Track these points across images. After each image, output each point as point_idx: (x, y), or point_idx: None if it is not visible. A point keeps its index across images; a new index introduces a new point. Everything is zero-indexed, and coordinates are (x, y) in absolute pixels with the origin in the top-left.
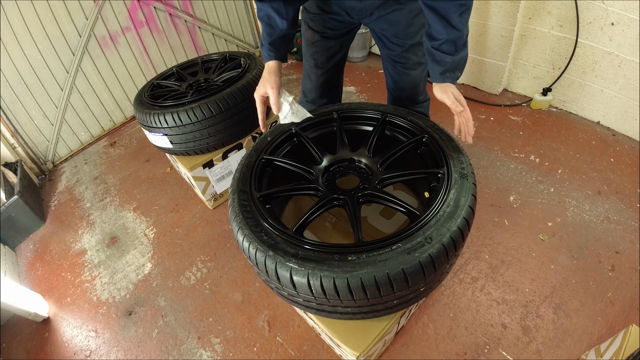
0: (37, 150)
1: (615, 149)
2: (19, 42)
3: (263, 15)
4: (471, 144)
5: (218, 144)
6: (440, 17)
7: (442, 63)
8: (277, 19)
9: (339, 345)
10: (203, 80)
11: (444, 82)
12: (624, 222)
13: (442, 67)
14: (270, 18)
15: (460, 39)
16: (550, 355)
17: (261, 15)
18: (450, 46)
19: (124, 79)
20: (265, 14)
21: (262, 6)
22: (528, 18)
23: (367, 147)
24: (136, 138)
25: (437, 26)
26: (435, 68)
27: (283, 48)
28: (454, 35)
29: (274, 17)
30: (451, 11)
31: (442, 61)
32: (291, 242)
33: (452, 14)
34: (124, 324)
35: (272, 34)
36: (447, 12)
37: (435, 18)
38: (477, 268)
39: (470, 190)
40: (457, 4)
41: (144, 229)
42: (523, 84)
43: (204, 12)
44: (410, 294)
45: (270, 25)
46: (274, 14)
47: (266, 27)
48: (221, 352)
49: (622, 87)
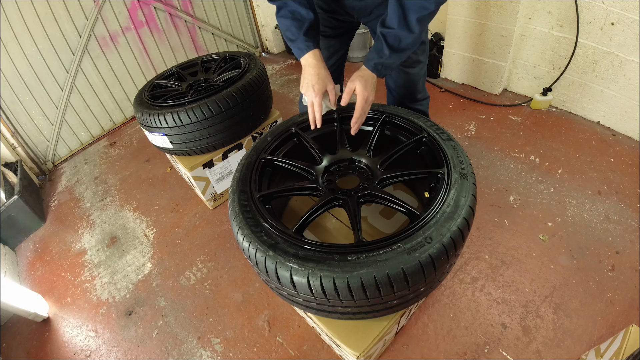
0: (37, 150)
1: (615, 149)
2: (19, 42)
3: (286, 13)
4: (472, 145)
5: (218, 144)
6: (400, 9)
7: (381, 54)
8: (302, 11)
9: (339, 345)
10: (203, 80)
11: (373, 72)
12: (624, 222)
13: (380, 58)
14: (295, 13)
15: (406, 39)
16: (550, 355)
17: (284, 14)
18: (394, 40)
19: (124, 79)
20: (289, 11)
21: (283, 4)
22: (528, 18)
23: (367, 147)
24: (136, 138)
25: (392, 15)
26: (373, 56)
27: (317, 36)
28: (402, 32)
29: (298, 11)
30: (411, 9)
31: (381, 52)
32: (291, 242)
33: (412, 12)
34: (124, 324)
35: (301, 26)
36: (407, 8)
37: (395, 8)
38: (477, 268)
39: (470, 190)
40: (419, 5)
41: (144, 229)
42: (523, 84)
43: (204, 12)
44: (410, 294)
45: (297, 19)
46: (298, 8)
47: (292, 21)
48: (221, 352)
49: (622, 87)
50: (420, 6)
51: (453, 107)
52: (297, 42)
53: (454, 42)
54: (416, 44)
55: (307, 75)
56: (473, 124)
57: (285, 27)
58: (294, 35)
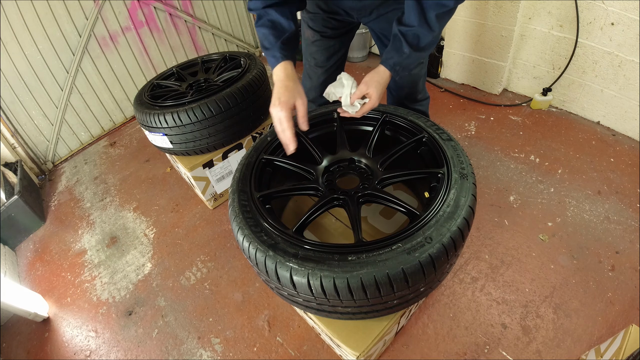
0: (37, 150)
1: (615, 149)
2: (19, 42)
3: (266, 22)
4: (472, 145)
5: (218, 144)
6: (419, 7)
7: (400, 53)
8: (283, 22)
9: (339, 345)
10: (203, 80)
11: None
12: (624, 222)
13: (399, 57)
14: (276, 23)
15: (426, 37)
16: (550, 355)
17: (264, 23)
18: (414, 38)
19: (124, 79)
20: (268, 19)
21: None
22: (528, 18)
23: (367, 147)
24: (136, 138)
25: (411, 13)
26: (392, 55)
27: (294, 47)
28: (422, 30)
29: (279, 21)
30: (430, 7)
31: (400, 50)
32: (291, 242)
33: (431, 9)
34: (124, 324)
35: (280, 35)
36: (426, 6)
37: (413, 6)
38: (477, 268)
39: (470, 190)
40: (438, 2)
41: (144, 229)
42: (523, 84)
43: (204, 12)
44: (410, 294)
45: (277, 29)
46: (279, 18)
47: (272, 31)
48: (221, 352)
49: (622, 87)
50: (439, 4)
51: (453, 107)
52: (272, 50)
53: (454, 42)
54: (435, 44)
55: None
56: (473, 124)
57: (263, 36)
58: (270, 44)
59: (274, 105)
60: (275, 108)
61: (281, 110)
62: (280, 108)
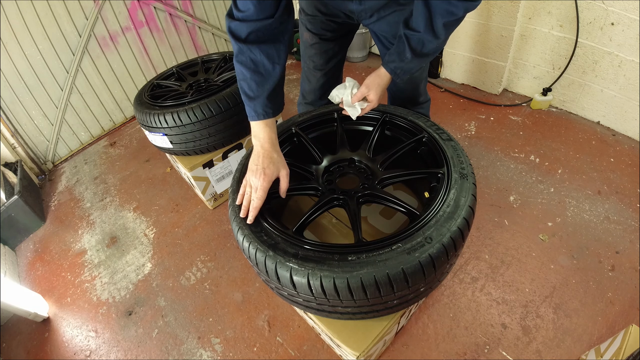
0: (37, 150)
1: (615, 149)
2: (19, 42)
3: (246, 60)
4: (472, 145)
5: (218, 144)
6: (427, 12)
7: (402, 57)
8: (267, 64)
9: (339, 345)
10: (203, 80)
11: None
12: (624, 222)
13: (400, 62)
14: (259, 64)
15: (430, 44)
16: (550, 355)
17: (244, 60)
18: (418, 44)
19: (124, 79)
20: (250, 58)
21: (246, 49)
22: (528, 18)
23: (367, 147)
24: (136, 138)
25: (419, 18)
26: (394, 58)
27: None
28: (428, 36)
29: (263, 62)
30: (438, 13)
31: (403, 55)
32: (291, 242)
33: (438, 16)
34: (124, 324)
35: (263, 83)
36: (435, 12)
37: (422, 10)
38: (477, 268)
39: (470, 190)
40: (447, 10)
41: (144, 229)
42: (523, 84)
43: (204, 12)
44: (410, 294)
45: (259, 73)
46: (263, 59)
47: (253, 75)
48: (221, 352)
49: (622, 87)
50: (448, 11)
51: (453, 107)
52: (255, 101)
53: (454, 42)
54: (439, 50)
55: (259, 157)
56: (473, 124)
57: (242, 76)
58: (252, 92)
59: (255, 174)
60: (256, 177)
61: (263, 181)
62: (263, 180)
